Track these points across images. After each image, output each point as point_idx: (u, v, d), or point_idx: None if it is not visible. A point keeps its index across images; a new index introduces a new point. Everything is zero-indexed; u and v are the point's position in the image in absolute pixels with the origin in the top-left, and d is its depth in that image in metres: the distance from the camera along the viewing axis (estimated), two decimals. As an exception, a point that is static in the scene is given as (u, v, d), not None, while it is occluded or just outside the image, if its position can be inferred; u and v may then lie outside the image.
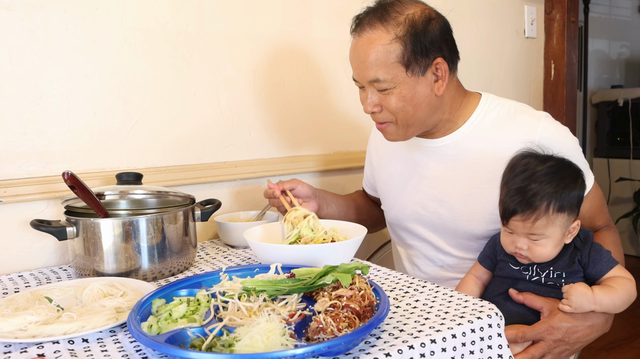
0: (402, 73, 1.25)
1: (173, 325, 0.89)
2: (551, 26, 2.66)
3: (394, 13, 1.25)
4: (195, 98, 1.62)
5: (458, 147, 1.37)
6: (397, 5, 1.26)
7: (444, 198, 1.40)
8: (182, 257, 1.29)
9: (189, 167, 1.62)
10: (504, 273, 1.24)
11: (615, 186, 4.39)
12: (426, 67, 1.26)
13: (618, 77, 4.86)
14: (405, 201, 1.48)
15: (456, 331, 0.92)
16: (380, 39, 1.24)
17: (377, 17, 1.25)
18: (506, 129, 1.33)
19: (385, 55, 1.24)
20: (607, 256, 1.17)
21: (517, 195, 1.13)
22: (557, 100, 2.68)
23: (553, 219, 1.12)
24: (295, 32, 1.81)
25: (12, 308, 0.98)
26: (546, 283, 1.18)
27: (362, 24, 1.28)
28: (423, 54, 1.25)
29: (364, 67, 1.26)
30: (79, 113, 1.44)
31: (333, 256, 1.20)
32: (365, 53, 1.25)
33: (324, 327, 0.83)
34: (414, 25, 1.24)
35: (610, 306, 1.13)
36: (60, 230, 1.21)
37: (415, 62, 1.25)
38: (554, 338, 1.12)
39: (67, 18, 1.40)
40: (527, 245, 1.15)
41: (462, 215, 1.37)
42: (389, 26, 1.24)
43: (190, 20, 1.59)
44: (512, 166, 1.19)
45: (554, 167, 1.15)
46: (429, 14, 1.27)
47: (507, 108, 1.36)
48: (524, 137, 1.28)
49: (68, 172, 1.17)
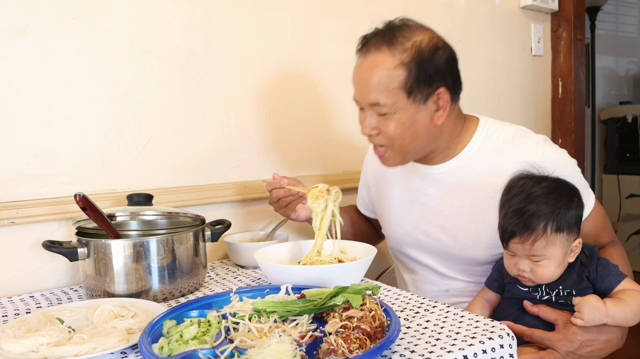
0: (403, 100, 1.23)
1: (184, 347, 0.89)
2: (558, 44, 2.67)
3: (401, 38, 1.24)
4: (204, 119, 1.64)
5: (457, 174, 1.36)
6: (406, 30, 1.25)
7: (445, 224, 1.38)
8: (193, 278, 1.29)
9: (199, 187, 1.63)
10: (512, 294, 1.23)
11: (625, 203, 4.36)
12: (428, 95, 1.24)
13: (626, 93, 4.85)
14: (406, 227, 1.46)
15: (467, 351, 0.91)
16: (385, 63, 1.22)
17: (385, 40, 1.24)
18: (505, 155, 1.31)
19: (388, 79, 1.22)
20: (614, 270, 1.17)
21: (515, 217, 1.13)
22: (566, 118, 2.68)
23: (552, 239, 1.11)
24: (304, 53, 1.83)
25: (24, 329, 0.99)
26: (557, 302, 1.17)
27: (368, 44, 1.26)
28: (426, 83, 1.23)
29: (366, 89, 1.25)
30: (91, 135, 1.46)
31: (343, 276, 1.19)
32: (369, 75, 1.24)
33: (335, 348, 0.82)
34: (420, 52, 1.22)
35: (623, 319, 1.12)
36: (71, 251, 1.22)
37: (418, 89, 1.23)
38: (566, 349, 1.10)
39: (79, 42, 1.42)
40: (529, 266, 1.15)
41: (465, 241, 1.36)
42: (395, 50, 1.22)
43: (200, 42, 1.62)
44: (508, 188, 1.20)
45: (549, 187, 1.15)
46: (436, 42, 1.25)
47: (506, 134, 1.34)
48: (523, 162, 1.26)
49: (80, 194, 1.18)
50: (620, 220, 4.41)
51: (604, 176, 4.56)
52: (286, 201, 1.43)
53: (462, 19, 2.30)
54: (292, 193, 1.41)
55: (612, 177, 4.47)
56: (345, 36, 1.93)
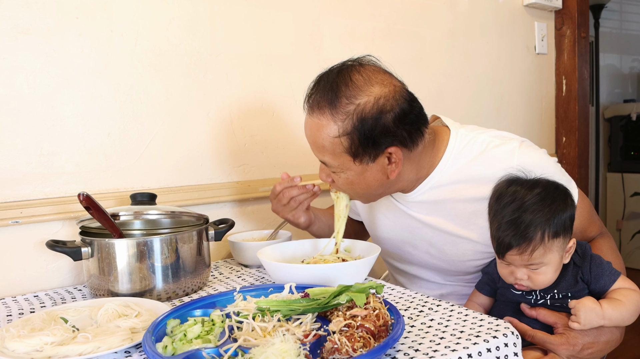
0: (349, 162, 1.20)
1: (188, 346, 0.89)
2: (562, 42, 2.67)
3: (344, 99, 1.15)
4: (208, 118, 1.64)
5: (434, 193, 1.31)
6: (352, 88, 1.16)
7: (432, 239, 1.36)
8: (196, 277, 1.29)
9: (202, 186, 1.63)
10: (506, 298, 1.21)
11: (630, 201, 4.35)
12: (377, 155, 1.19)
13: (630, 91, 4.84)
14: (395, 241, 1.45)
15: (472, 350, 0.91)
16: (328, 127, 1.17)
17: (327, 102, 1.17)
18: (481, 168, 1.26)
19: (332, 145, 1.18)
20: (608, 269, 1.15)
21: (510, 228, 1.09)
22: (570, 116, 2.67)
23: (550, 246, 1.09)
24: (307, 51, 1.83)
25: (28, 329, 0.99)
26: (553, 305, 1.16)
27: (312, 103, 1.21)
28: (373, 146, 1.17)
29: (314, 148, 1.24)
30: (94, 134, 1.46)
31: (347, 275, 1.19)
32: (314, 136, 1.21)
33: (339, 347, 0.82)
34: (362, 119, 1.15)
35: (619, 319, 1.11)
36: (75, 251, 1.22)
37: (365, 152, 1.18)
38: (568, 354, 1.10)
39: (82, 41, 1.42)
40: (527, 275, 1.12)
41: (452, 256, 1.35)
42: (337, 116, 1.16)
43: (203, 41, 1.62)
44: (498, 195, 1.14)
45: (542, 194, 1.10)
46: (382, 105, 1.15)
47: (479, 144, 1.27)
48: (501, 172, 1.20)
49: (84, 193, 1.18)
50: (624, 218, 4.39)
51: (608, 174, 4.55)
52: (299, 200, 1.40)
53: (466, 16, 2.30)
54: (308, 189, 1.39)
55: (616, 175, 4.46)
56: (348, 34, 1.92)
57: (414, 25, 2.13)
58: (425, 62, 2.17)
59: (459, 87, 2.29)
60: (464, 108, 2.32)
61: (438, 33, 2.21)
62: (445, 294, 1.45)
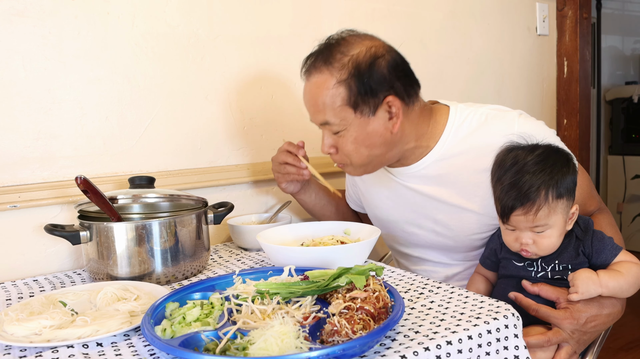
0: (350, 115, 1.23)
1: (187, 329, 0.89)
2: (563, 23, 2.64)
3: (338, 54, 1.22)
4: (206, 101, 1.62)
5: (437, 167, 1.33)
6: (343, 45, 1.24)
7: (436, 216, 1.37)
8: (196, 260, 1.29)
9: (201, 170, 1.62)
10: (508, 271, 1.22)
11: (630, 184, 4.34)
12: (376, 106, 1.23)
13: (632, 73, 4.81)
14: (399, 222, 1.45)
15: (472, 332, 0.91)
16: (325, 82, 1.22)
17: (323, 60, 1.24)
18: (481, 138, 1.29)
19: (332, 99, 1.22)
20: (610, 244, 1.15)
21: (513, 189, 1.10)
22: (571, 98, 2.65)
23: (554, 207, 1.10)
24: (306, 33, 1.81)
25: (27, 313, 0.99)
26: (553, 278, 1.16)
27: (309, 67, 1.27)
28: (371, 94, 1.21)
29: (314, 111, 1.27)
30: (92, 117, 1.45)
31: (347, 257, 1.19)
32: (314, 97, 1.25)
33: (339, 329, 0.82)
34: (357, 66, 1.20)
35: (617, 289, 1.11)
36: (74, 235, 1.22)
37: (363, 102, 1.22)
38: (572, 328, 1.10)
39: (78, 23, 1.41)
40: (532, 238, 1.13)
41: (458, 230, 1.35)
42: (333, 69, 1.22)
43: (201, 23, 1.60)
44: (500, 162, 1.16)
45: (543, 155, 1.12)
46: (374, 52, 1.22)
47: (478, 117, 1.31)
48: (501, 140, 1.22)
49: (81, 177, 1.17)
50: (625, 201, 4.39)
51: (609, 157, 4.54)
52: (288, 169, 1.45)
53: (466, -3, 2.27)
54: (300, 165, 1.44)
55: (617, 158, 4.45)
56: (348, 15, 1.90)
57: (414, 6, 2.10)
58: (425, 43, 2.15)
59: (459, 68, 2.27)
60: (464, 90, 2.30)
61: (438, 14, 2.18)
62: (451, 276, 1.45)
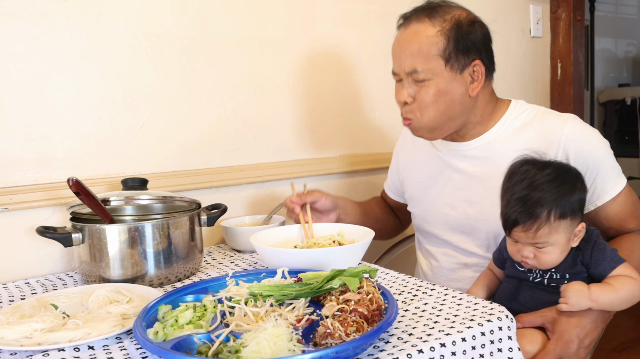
0: (440, 66, 1.29)
1: (179, 331, 0.88)
2: (557, 25, 2.64)
3: (441, 11, 1.32)
4: (200, 102, 1.62)
5: (487, 149, 1.40)
6: (445, 7, 1.34)
7: (473, 199, 1.41)
8: (189, 262, 1.28)
9: (194, 171, 1.61)
10: (510, 272, 1.24)
11: (624, 186, 4.35)
12: (464, 66, 1.31)
13: (625, 76, 4.83)
14: (434, 201, 1.49)
15: (466, 334, 0.91)
16: (426, 31, 1.29)
17: (425, 13, 1.32)
18: (533, 130, 1.36)
19: (428, 46, 1.28)
20: (611, 255, 1.15)
21: (518, 205, 1.12)
22: (564, 100, 2.66)
23: (555, 227, 1.10)
24: (300, 35, 1.81)
25: (17, 316, 0.98)
26: (549, 285, 1.17)
27: (409, 18, 1.34)
28: (464, 52, 1.30)
29: (405, 57, 1.31)
30: (84, 119, 1.44)
31: (340, 259, 1.18)
32: (409, 42, 1.31)
33: (332, 332, 0.82)
34: (459, 23, 1.30)
35: (607, 304, 1.11)
36: (66, 237, 1.21)
37: (456, 58, 1.29)
38: (570, 351, 1.10)
39: (71, 24, 1.40)
40: (533, 253, 1.14)
41: (490, 215, 1.36)
42: (435, 21, 1.30)
43: (195, 24, 1.59)
44: (510, 174, 1.18)
45: (553, 174, 1.13)
46: (474, 17, 1.34)
47: (536, 112, 1.40)
48: (550, 136, 1.31)
49: (73, 178, 1.16)
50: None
51: (602, 159, 4.54)
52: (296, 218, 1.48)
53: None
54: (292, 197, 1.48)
55: (610, 160, 4.46)
56: (342, 17, 1.90)
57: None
58: (420, 45, 2.15)
59: (453, 70, 2.27)
60: (458, 92, 2.30)
61: (432, 16, 2.18)
62: (470, 264, 1.46)
